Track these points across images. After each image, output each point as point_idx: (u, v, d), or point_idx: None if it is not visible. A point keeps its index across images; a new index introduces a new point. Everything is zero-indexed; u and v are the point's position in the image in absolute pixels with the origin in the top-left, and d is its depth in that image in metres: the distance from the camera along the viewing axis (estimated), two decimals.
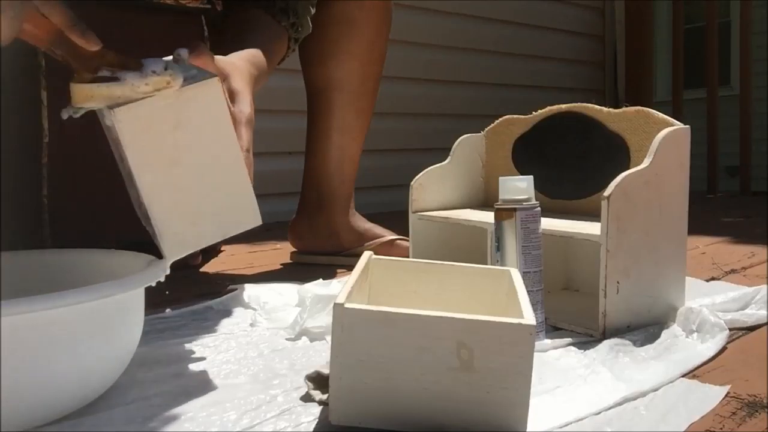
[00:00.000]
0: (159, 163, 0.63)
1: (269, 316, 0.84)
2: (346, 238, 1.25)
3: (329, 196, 1.26)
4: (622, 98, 3.18)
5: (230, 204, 0.68)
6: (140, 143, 0.62)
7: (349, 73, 1.22)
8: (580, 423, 0.52)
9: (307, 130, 1.27)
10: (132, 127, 0.61)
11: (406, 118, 2.54)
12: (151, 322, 0.81)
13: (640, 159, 0.78)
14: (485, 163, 1.04)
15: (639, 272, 0.75)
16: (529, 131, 0.97)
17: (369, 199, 1.99)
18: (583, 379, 0.61)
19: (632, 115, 0.85)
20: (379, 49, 1.24)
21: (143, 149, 0.62)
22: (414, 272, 0.69)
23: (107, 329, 0.54)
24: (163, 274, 0.60)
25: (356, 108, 1.24)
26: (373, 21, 1.21)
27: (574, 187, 0.91)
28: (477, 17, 2.74)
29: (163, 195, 0.64)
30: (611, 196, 0.72)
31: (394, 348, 0.49)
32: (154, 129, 0.62)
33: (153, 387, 0.61)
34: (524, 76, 2.96)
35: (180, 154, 0.64)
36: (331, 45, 1.21)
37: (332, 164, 1.25)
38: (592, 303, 0.75)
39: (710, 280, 1.04)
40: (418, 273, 0.69)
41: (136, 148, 0.62)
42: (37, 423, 0.51)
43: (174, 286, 0.64)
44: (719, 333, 0.70)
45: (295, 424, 0.53)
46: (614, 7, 3.28)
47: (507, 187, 0.73)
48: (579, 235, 0.77)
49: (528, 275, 0.71)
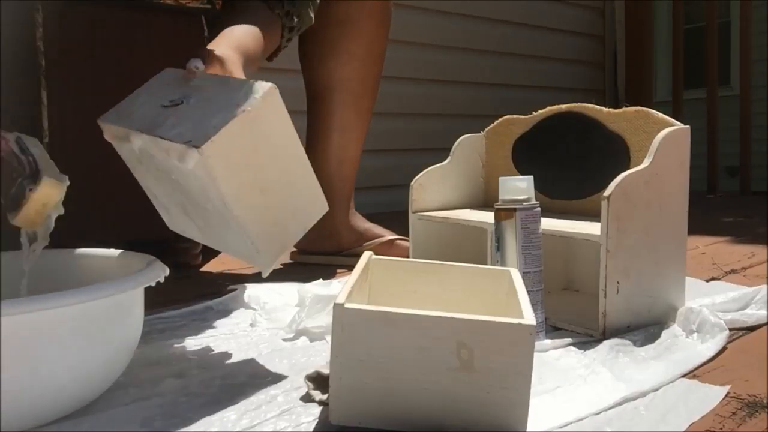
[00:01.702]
0: (248, 188, 0.63)
1: (269, 316, 0.84)
2: (346, 238, 1.25)
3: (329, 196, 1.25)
4: (622, 98, 3.18)
5: (304, 199, 0.69)
6: (228, 174, 0.61)
7: (349, 73, 1.22)
8: (580, 423, 0.52)
9: (306, 130, 1.27)
10: (219, 161, 0.60)
11: (406, 118, 2.53)
12: (151, 322, 0.81)
13: (641, 159, 0.78)
14: (485, 163, 1.04)
15: (639, 272, 0.75)
16: (529, 131, 0.97)
17: (369, 199, 1.99)
18: (583, 379, 0.61)
19: (632, 116, 0.85)
20: (379, 49, 1.24)
21: (232, 180, 0.62)
22: (414, 272, 0.69)
23: (107, 329, 0.54)
24: (163, 275, 0.60)
25: (356, 108, 1.24)
26: (372, 21, 1.21)
27: (574, 187, 0.91)
28: (477, 17, 2.74)
29: (256, 215, 0.64)
30: (611, 196, 0.72)
31: (394, 348, 0.49)
32: (235, 156, 0.61)
33: (153, 387, 0.61)
34: (524, 76, 2.95)
35: (262, 170, 0.64)
36: (331, 45, 1.21)
37: (332, 164, 1.25)
38: (592, 303, 0.75)
39: (710, 280, 1.04)
40: (418, 273, 0.69)
41: (227, 182, 0.61)
42: (37, 423, 0.51)
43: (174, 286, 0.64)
44: (719, 333, 0.70)
45: (295, 424, 0.53)
46: (614, 7, 3.28)
47: (507, 187, 0.73)
48: (579, 235, 0.77)
49: (528, 275, 0.71)
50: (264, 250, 0.66)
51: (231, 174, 0.61)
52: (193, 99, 0.66)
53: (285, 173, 0.66)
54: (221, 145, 0.60)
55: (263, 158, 0.64)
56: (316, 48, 1.22)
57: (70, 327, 0.50)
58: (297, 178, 0.68)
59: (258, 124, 0.62)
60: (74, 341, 0.51)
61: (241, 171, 0.62)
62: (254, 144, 0.63)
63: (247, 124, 0.61)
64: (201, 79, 0.70)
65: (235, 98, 0.63)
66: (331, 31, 1.20)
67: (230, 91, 0.65)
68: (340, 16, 1.20)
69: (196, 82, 0.70)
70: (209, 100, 0.65)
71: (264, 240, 0.66)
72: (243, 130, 0.61)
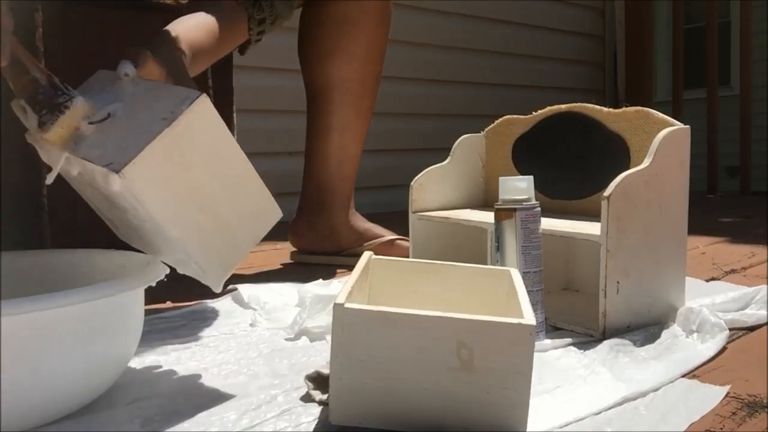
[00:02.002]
0: (182, 206, 0.59)
1: (269, 316, 0.84)
2: (346, 238, 1.25)
3: (329, 196, 1.26)
4: (622, 98, 3.17)
5: (252, 209, 0.65)
6: (157, 195, 0.58)
7: (349, 73, 1.22)
8: (580, 423, 0.52)
9: (306, 130, 1.27)
10: (145, 184, 0.56)
11: (406, 118, 2.54)
12: (151, 322, 0.81)
13: (641, 159, 0.78)
14: (485, 163, 1.04)
15: (639, 272, 0.75)
16: (529, 131, 0.97)
17: (369, 199, 1.99)
18: (583, 379, 0.61)
19: (632, 116, 0.85)
20: (378, 49, 1.24)
21: (163, 201, 0.58)
22: (414, 272, 0.69)
23: (107, 329, 0.54)
24: (163, 274, 0.60)
25: (356, 108, 1.24)
26: (372, 20, 1.21)
27: (575, 187, 0.91)
28: (477, 17, 2.74)
29: (197, 234, 0.61)
30: (611, 196, 0.72)
31: (394, 348, 0.49)
32: (164, 174, 0.58)
33: (153, 387, 0.61)
34: (524, 76, 2.95)
35: (198, 186, 0.60)
36: (330, 45, 1.21)
37: (332, 164, 1.25)
38: (593, 303, 0.75)
39: (710, 280, 1.04)
40: (419, 273, 0.69)
41: (156, 203, 0.58)
42: (37, 423, 0.51)
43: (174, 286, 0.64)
44: (719, 333, 0.70)
45: (295, 424, 0.53)
46: (614, 7, 3.28)
47: (507, 187, 0.73)
48: (579, 235, 0.77)
49: (528, 275, 0.71)
50: (209, 269, 0.62)
51: (161, 195, 0.58)
52: (120, 111, 0.62)
53: (226, 186, 0.62)
54: (145, 166, 0.56)
55: (198, 173, 0.60)
56: (316, 48, 1.22)
57: (70, 327, 0.50)
58: (240, 189, 0.64)
59: (187, 137, 0.58)
60: (74, 341, 0.51)
61: (173, 190, 0.58)
62: (185, 159, 0.59)
63: (173, 141, 0.57)
64: (132, 84, 0.65)
65: (162, 111, 0.58)
66: (330, 31, 1.20)
67: (158, 101, 0.60)
68: (340, 16, 1.19)
69: (128, 88, 0.65)
70: (134, 114, 0.61)
71: (208, 259, 0.62)
72: (170, 147, 0.57)
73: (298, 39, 1.25)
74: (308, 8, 1.22)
